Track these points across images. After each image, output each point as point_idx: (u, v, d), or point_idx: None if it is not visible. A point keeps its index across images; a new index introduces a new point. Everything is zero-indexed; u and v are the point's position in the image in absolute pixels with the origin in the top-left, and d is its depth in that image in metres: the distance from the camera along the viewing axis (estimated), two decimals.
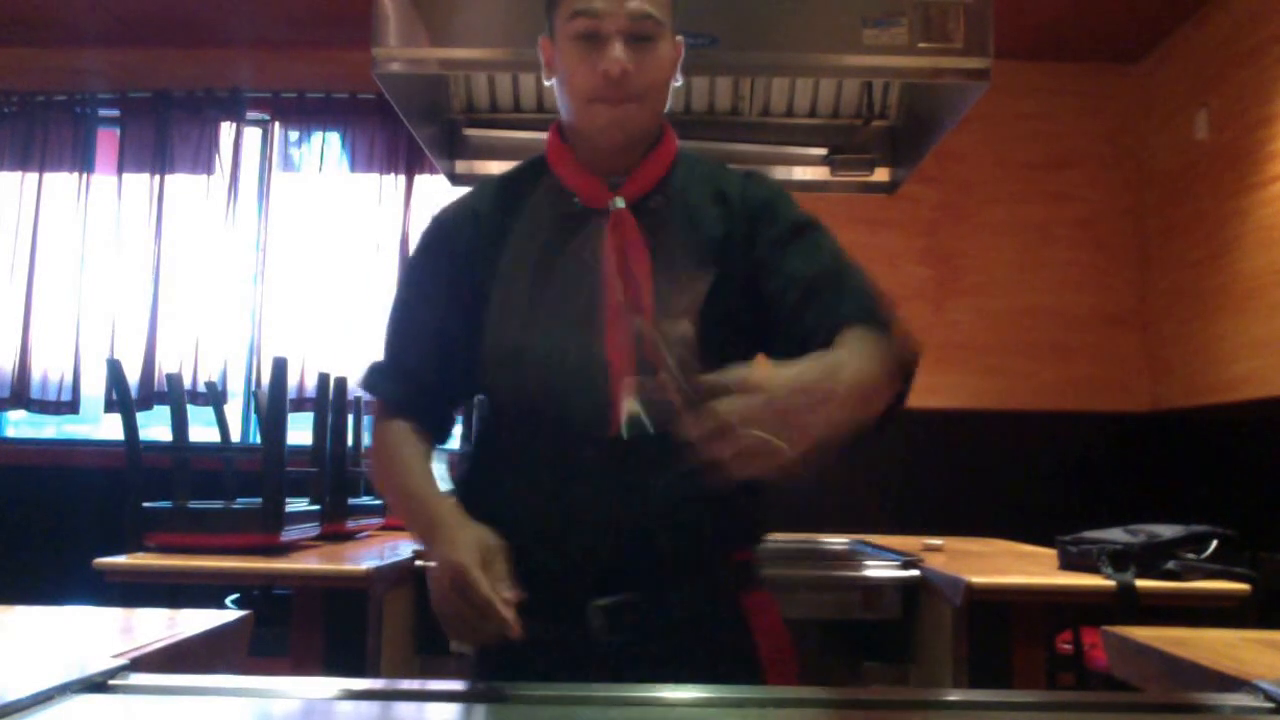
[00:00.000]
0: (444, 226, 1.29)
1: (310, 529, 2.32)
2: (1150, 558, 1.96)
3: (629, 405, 1.09)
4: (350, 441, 2.66)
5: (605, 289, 1.17)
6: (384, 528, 2.84)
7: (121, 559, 2.01)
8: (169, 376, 2.66)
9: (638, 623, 1.14)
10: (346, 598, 1.97)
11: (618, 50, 1.16)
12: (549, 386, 1.16)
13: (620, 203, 1.21)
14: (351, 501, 2.58)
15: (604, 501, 1.15)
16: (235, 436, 3.59)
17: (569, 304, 1.19)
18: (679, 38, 1.25)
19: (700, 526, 1.17)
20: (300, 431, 2.45)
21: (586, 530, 1.15)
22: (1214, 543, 1.99)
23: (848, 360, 0.94)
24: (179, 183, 4.25)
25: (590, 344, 1.16)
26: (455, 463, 1.51)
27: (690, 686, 0.95)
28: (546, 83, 1.27)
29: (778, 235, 1.20)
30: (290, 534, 2.19)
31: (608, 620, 1.14)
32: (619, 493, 1.15)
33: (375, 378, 1.29)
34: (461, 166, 2.70)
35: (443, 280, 1.25)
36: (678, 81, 1.27)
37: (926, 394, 1.32)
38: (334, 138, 4.28)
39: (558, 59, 1.22)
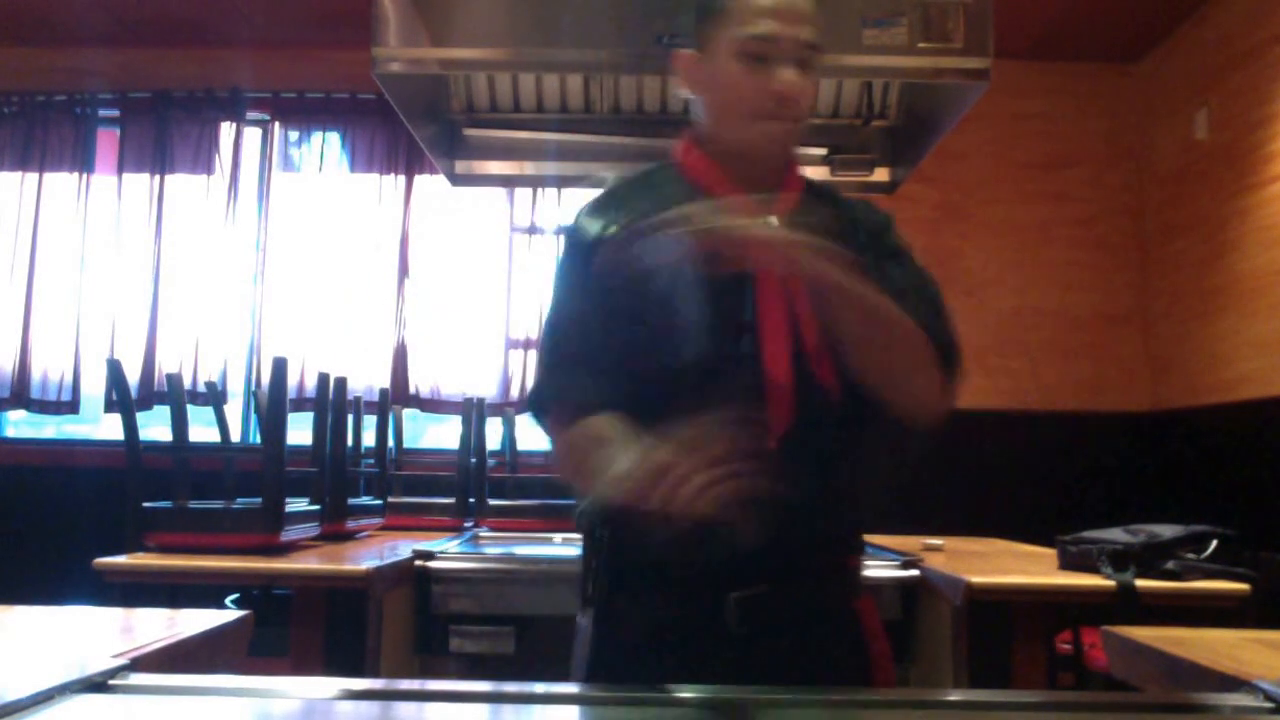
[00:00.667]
0: (586, 228, 1.28)
1: (310, 529, 2.32)
2: (1150, 558, 1.96)
3: None
4: (350, 441, 2.66)
5: (763, 302, 1.19)
6: (384, 528, 2.84)
7: (121, 559, 2.01)
8: (169, 376, 2.66)
9: (770, 616, 1.17)
10: (346, 598, 1.97)
11: (791, 74, 1.20)
12: (702, 399, 1.09)
13: (776, 221, 1.23)
14: (351, 501, 2.58)
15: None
16: (235, 436, 3.59)
17: (719, 315, 1.18)
18: None
19: (828, 530, 1.23)
20: (300, 431, 2.45)
21: (725, 530, 1.12)
22: (1214, 543, 1.99)
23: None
24: (179, 183, 4.24)
25: (746, 355, 1.17)
26: None
27: (675, 686, 0.95)
28: (683, 96, 1.28)
29: (885, 252, 1.31)
30: (290, 534, 2.19)
31: (743, 611, 1.16)
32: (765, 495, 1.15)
33: (557, 385, 1.23)
34: (461, 166, 2.70)
35: (594, 280, 1.24)
36: None
37: None
38: (334, 138, 4.27)
39: (714, 75, 1.24)
